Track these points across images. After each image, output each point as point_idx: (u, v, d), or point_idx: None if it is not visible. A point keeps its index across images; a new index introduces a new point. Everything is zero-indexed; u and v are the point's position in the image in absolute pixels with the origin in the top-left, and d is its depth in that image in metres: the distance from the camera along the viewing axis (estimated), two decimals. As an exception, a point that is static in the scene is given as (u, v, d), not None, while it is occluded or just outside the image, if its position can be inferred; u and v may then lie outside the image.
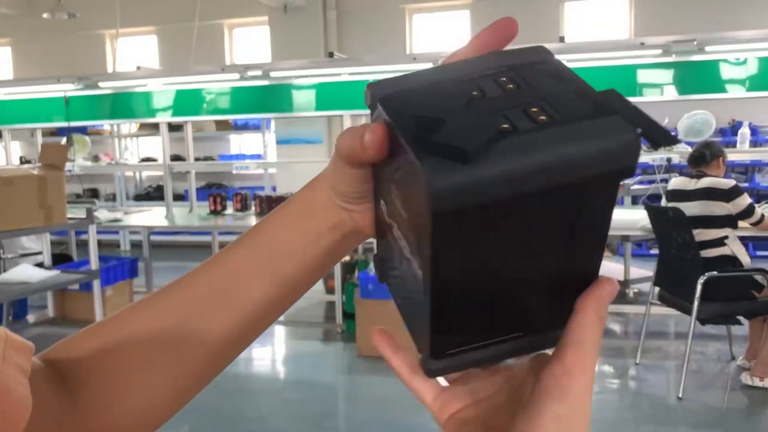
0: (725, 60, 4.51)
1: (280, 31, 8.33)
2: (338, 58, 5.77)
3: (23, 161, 8.43)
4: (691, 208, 3.74)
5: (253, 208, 5.62)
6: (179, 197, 8.25)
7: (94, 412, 0.44)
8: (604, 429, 3.30)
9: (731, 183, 3.77)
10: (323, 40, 8.31)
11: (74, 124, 6.11)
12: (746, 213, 3.76)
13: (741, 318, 3.82)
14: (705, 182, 3.79)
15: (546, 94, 0.32)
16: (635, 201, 6.39)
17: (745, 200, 3.75)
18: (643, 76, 4.71)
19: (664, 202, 4.07)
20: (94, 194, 9.25)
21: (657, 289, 4.06)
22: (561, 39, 5.02)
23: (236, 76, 5.56)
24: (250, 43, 9.32)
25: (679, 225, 3.69)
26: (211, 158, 9.07)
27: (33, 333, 4.79)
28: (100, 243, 5.17)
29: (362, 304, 4.32)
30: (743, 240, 3.94)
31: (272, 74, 5.49)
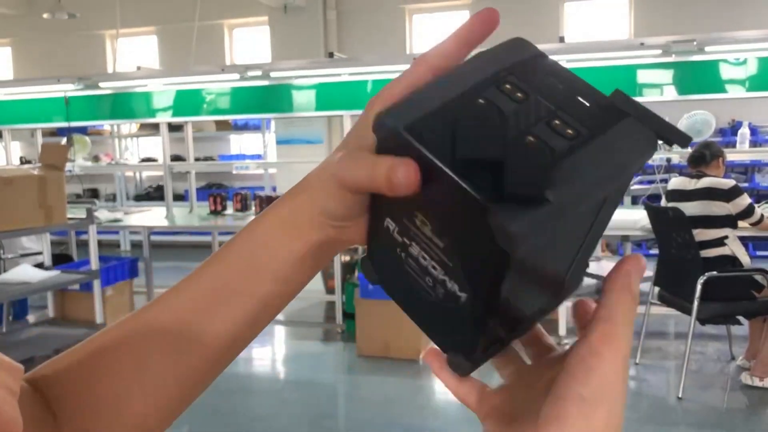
0: (725, 60, 4.51)
1: (280, 31, 8.33)
2: (338, 58, 5.77)
3: (23, 161, 8.43)
4: (691, 208, 3.74)
5: (253, 209, 5.62)
6: (179, 197, 8.25)
7: (83, 423, 0.43)
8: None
9: (731, 183, 3.77)
10: (323, 40, 8.31)
11: (74, 124, 6.11)
12: (746, 213, 3.76)
13: (741, 318, 3.83)
14: (705, 182, 3.79)
15: (557, 101, 0.33)
16: (635, 201, 6.39)
17: (745, 200, 3.75)
18: (643, 76, 4.71)
19: (664, 202, 4.07)
20: (94, 194, 9.25)
21: (657, 289, 4.06)
22: (561, 39, 5.01)
23: (236, 77, 5.56)
24: (250, 44, 9.32)
25: (679, 225, 3.69)
26: (211, 158, 9.07)
27: (33, 333, 4.79)
28: (100, 243, 5.17)
29: (362, 304, 4.32)
30: (743, 240, 3.94)
31: (272, 74, 5.49)
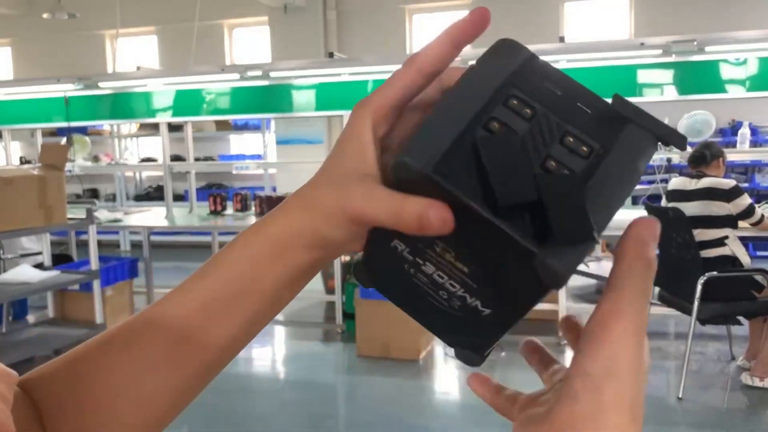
0: (725, 60, 4.50)
1: (280, 31, 8.33)
2: (338, 58, 5.77)
3: (23, 161, 8.43)
4: (691, 208, 3.74)
5: (253, 209, 5.62)
6: (179, 197, 8.25)
7: (75, 423, 0.42)
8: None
9: (732, 183, 3.77)
10: (323, 40, 8.31)
11: (74, 124, 6.11)
12: (747, 213, 3.76)
13: (741, 318, 3.82)
14: (705, 182, 3.79)
15: (562, 113, 0.34)
16: (635, 201, 6.39)
17: (746, 200, 3.75)
18: (643, 76, 4.70)
19: (664, 202, 4.07)
20: (94, 194, 9.25)
21: (657, 289, 4.05)
22: (561, 39, 5.01)
23: (236, 77, 5.56)
24: (250, 44, 9.32)
25: (679, 225, 3.69)
26: (211, 158, 9.07)
27: (33, 333, 4.79)
28: (100, 243, 5.17)
29: (362, 305, 4.32)
30: (743, 240, 3.94)
31: (272, 74, 5.49)
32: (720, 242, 3.75)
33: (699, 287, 3.53)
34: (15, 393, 0.40)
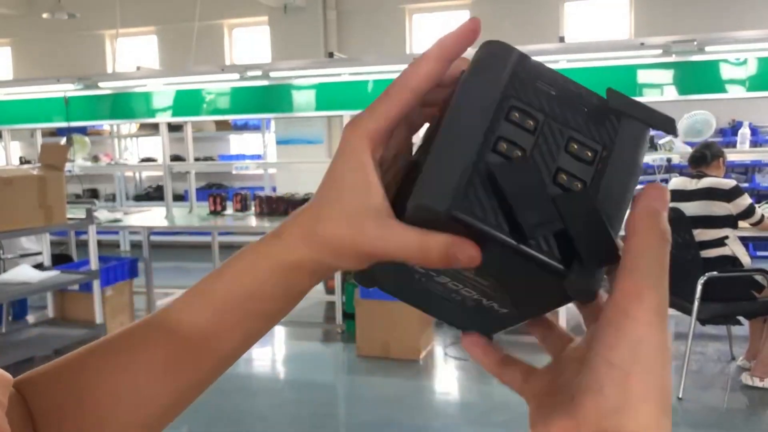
0: (725, 60, 4.50)
1: (280, 31, 8.33)
2: (338, 58, 5.77)
3: (23, 161, 8.43)
4: (692, 208, 3.74)
5: (253, 209, 5.62)
6: (179, 197, 8.24)
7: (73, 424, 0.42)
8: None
9: (732, 183, 3.77)
10: (323, 40, 8.31)
11: (74, 124, 6.10)
12: (747, 213, 3.76)
13: (741, 318, 3.82)
14: (706, 182, 3.80)
15: (561, 117, 0.34)
16: (635, 201, 6.38)
17: (746, 200, 3.76)
18: (643, 76, 4.70)
19: (664, 202, 4.06)
20: (94, 194, 9.24)
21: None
22: (561, 39, 5.01)
23: (236, 77, 5.56)
24: (250, 44, 9.32)
25: (680, 225, 3.69)
26: (211, 158, 9.06)
27: (33, 333, 4.78)
28: (100, 243, 5.17)
29: (362, 305, 4.32)
30: (743, 240, 3.94)
31: (272, 74, 5.48)
32: (720, 242, 3.75)
33: (699, 287, 3.53)
34: (10, 395, 0.40)
